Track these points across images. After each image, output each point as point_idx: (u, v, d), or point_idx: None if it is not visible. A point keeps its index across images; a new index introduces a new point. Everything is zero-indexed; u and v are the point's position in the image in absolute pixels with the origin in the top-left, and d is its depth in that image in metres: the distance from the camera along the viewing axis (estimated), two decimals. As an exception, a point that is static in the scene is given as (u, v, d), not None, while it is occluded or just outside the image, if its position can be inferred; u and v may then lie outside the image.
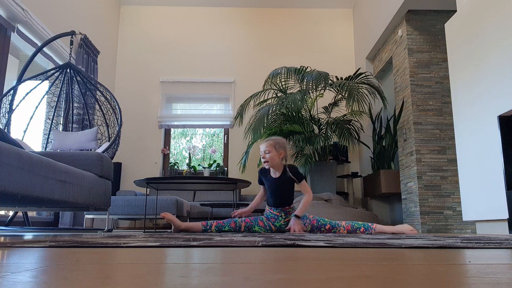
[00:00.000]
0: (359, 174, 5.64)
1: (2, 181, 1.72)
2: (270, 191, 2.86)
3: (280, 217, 2.83)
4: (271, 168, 2.85)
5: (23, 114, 4.02)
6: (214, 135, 6.30)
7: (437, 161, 4.22)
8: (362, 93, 4.64)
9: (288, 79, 5.20)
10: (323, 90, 4.91)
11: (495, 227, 2.90)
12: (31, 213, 4.09)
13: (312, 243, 1.27)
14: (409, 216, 4.35)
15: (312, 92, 4.99)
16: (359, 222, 2.73)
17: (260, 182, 2.94)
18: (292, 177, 2.79)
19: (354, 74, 4.99)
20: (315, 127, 5.36)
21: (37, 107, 4.09)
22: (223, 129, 6.19)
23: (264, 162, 2.81)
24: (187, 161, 5.85)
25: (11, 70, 4.00)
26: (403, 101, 4.56)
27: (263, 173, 2.90)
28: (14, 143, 1.98)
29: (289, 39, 6.33)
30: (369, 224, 2.70)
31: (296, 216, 2.71)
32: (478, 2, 3.02)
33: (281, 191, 2.81)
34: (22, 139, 3.86)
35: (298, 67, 5.06)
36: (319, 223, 2.76)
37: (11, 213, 3.50)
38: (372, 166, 5.45)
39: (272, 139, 2.86)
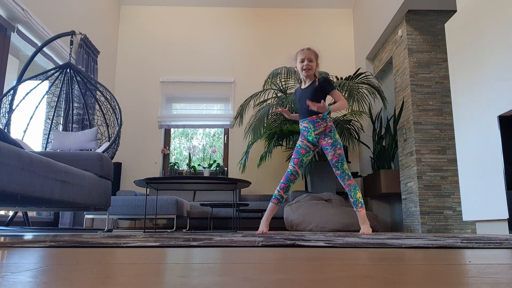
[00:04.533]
0: (359, 174, 5.64)
1: (2, 181, 1.72)
2: (299, 102, 2.83)
3: (310, 130, 2.79)
4: (303, 79, 2.84)
5: (23, 114, 4.02)
6: (214, 135, 6.30)
7: (437, 161, 4.22)
8: (362, 93, 4.64)
9: (288, 79, 5.19)
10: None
11: (495, 227, 2.89)
12: (31, 213, 4.09)
13: (312, 243, 1.27)
14: (409, 216, 4.35)
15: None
16: (358, 197, 2.73)
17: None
18: (323, 85, 2.74)
19: (354, 74, 4.99)
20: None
21: (37, 107, 4.09)
22: (223, 129, 6.19)
23: (306, 69, 2.77)
24: (187, 161, 5.85)
25: (11, 70, 4.00)
26: (403, 101, 4.56)
27: (296, 91, 2.87)
28: (14, 143, 1.98)
29: (289, 39, 6.32)
30: (360, 205, 2.73)
31: (329, 105, 2.64)
32: (478, 2, 3.02)
33: (307, 100, 2.75)
34: (22, 139, 3.86)
35: (298, 67, 5.05)
36: (335, 151, 2.71)
37: (11, 213, 3.50)
38: (372, 166, 5.45)
39: (313, 49, 2.83)
